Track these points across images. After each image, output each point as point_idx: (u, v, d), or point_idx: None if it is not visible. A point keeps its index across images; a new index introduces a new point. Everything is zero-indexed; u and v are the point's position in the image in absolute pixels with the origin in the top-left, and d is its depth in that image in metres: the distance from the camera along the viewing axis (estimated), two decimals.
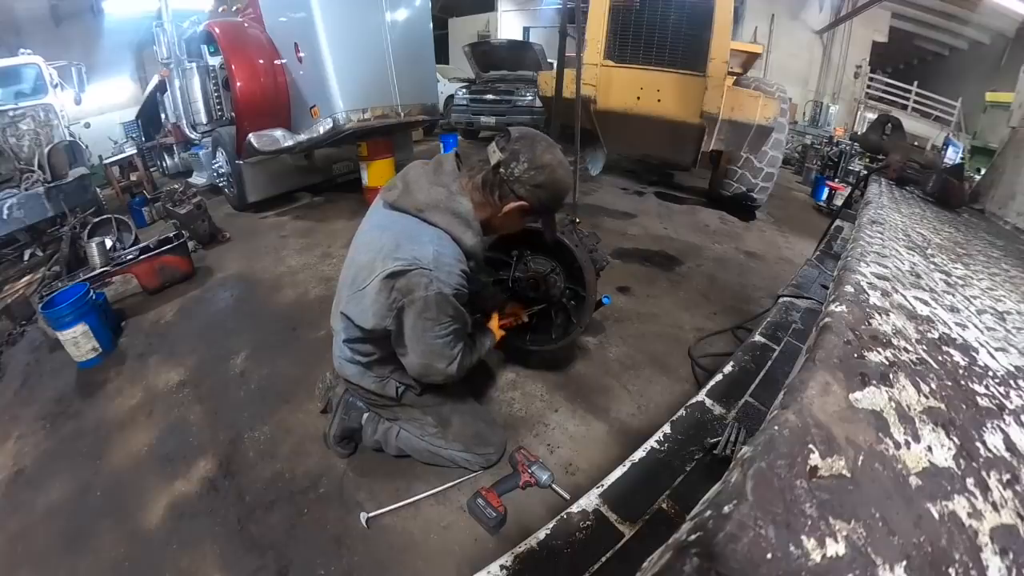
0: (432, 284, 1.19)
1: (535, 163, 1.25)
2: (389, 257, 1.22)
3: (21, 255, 3.97)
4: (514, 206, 1.29)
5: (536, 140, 1.28)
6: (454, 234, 1.26)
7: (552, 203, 1.34)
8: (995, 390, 0.72)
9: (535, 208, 1.32)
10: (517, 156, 1.24)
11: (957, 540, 0.45)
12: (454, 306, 1.26)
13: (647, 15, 3.65)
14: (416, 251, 1.20)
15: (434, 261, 1.19)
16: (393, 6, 3.87)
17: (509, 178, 1.25)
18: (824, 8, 11.28)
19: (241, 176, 4.16)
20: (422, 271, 1.19)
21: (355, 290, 1.31)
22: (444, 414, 1.55)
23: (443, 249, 1.22)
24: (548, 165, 1.26)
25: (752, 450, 0.45)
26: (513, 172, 1.24)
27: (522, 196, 1.27)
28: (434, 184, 1.29)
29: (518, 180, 1.25)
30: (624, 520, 1.06)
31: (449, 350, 1.33)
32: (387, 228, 1.29)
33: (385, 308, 1.26)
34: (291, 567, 1.34)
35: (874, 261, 1.04)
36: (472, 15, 13.04)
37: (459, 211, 1.26)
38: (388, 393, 1.50)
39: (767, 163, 4.12)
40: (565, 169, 1.31)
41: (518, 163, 1.24)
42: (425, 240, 1.22)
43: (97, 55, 8.61)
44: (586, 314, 1.83)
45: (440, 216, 1.25)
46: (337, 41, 3.55)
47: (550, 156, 1.26)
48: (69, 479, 1.72)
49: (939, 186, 2.26)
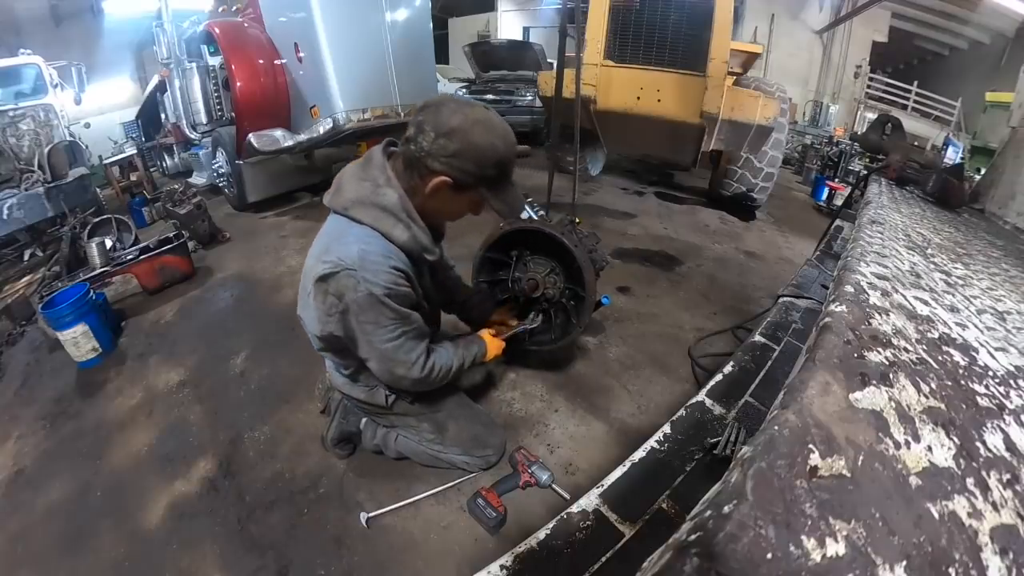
0: (360, 285, 1.12)
1: (442, 129, 1.09)
2: (319, 261, 1.16)
3: (21, 255, 3.97)
4: (436, 184, 1.15)
5: (443, 104, 1.13)
6: (382, 229, 1.17)
7: (481, 171, 1.15)
8: (995, 390, 0.72)
9: (463, 181, 1.15)
10: (422, 126, 1.11)
11: (957, 540, 0.45)
12: (390, 307, 1.17)
13: (647, 15, 3.65)
14: (341, 252, 1.14)
15: (358, 260, 1.12)
16: (393, 6, 3.87)
17: (421, 154, 1.12)
18: (824, 8, 11.27)
19: (241, 176, 4.16)
20: (348, 272, 1.12)
21: (304, 297, 1.27)
22: (439, 420, 1.53)
23: (368, 247, 1.14)
24: (458, 129, 1.09)
25: (752, 450, 0.45)
26: (422, 145, 1.12)
27: (438, 171, 1.13)
28: (361, 179, 1.20)
29: (429, 154, 1.12)
30: (624, 520, 1.06)
31: (404, 355, 1.25)
32: (323, 232, 1.25)
33: (324, 313, 1.21)
34: (291, 567, 1.34)
35: (874, 261, 1.04)
36: (472, 15, 13.04)
37: (384, 204, 1.17)
38: (378, 402, 1.47)
39: (767, 163, 4.12)
40: (486, 128, 1.13)
41: (424, 135, 1.11)
42: (350, 240, 1.15)
43: (97, 55, 8.61)
44: (586, 314, 1.83)
45: (365, 212, 1.17)
46: (337, 41, 3.55)
47: (459, 118, 1.10)
48: (69, 479, 1.72)
49: (939, 186, 2.26)
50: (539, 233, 1.83)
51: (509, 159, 1.19)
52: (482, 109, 1.16)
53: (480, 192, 1.21)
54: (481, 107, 1.16)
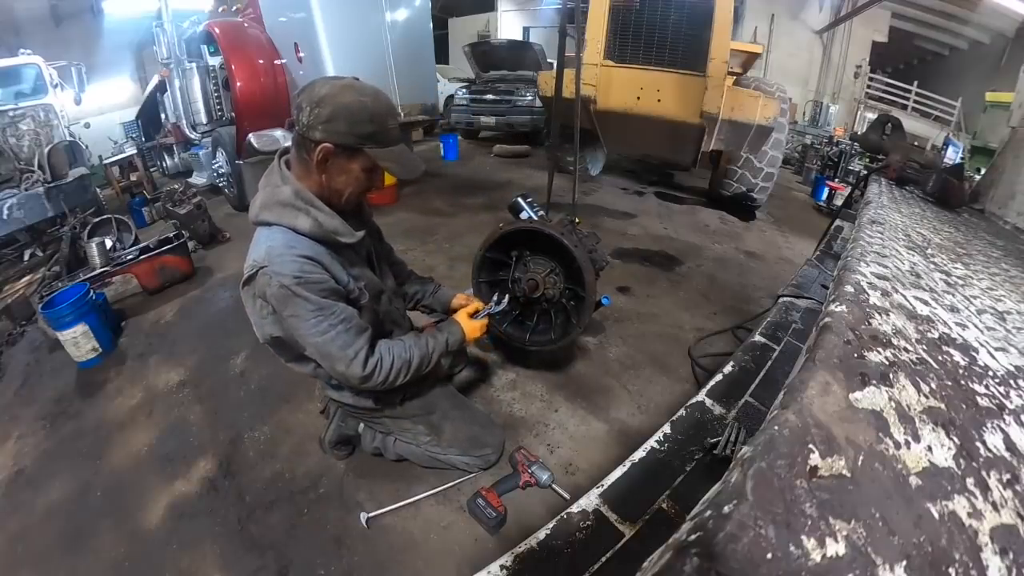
0: (272, 279, 1.15)
1: (314, 99, 1.14)
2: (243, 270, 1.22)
3: (21, 255, 3.98)
4: (320, 152, 1.17)
5: (315, 81, 1.19)
6: (286, 223, 1.20)
7: (356, 130, 1.16)
8: (995, 390, 0.72)
9: (345, 143, 1.17)
10: (300, 105, 1.16)
11: (957, 540, 0.45)
12: (305, 296, 1.16)
13: (647, 15, 3.65)
14: (254, 254, 1.20)
15: (266, 256, 1.16)
16: (393, 6, 3.88)
17: (303, 130, 1.16)
18: (824, 8, 11.27)
19: (241, 176, 4.16)
20: (262, 270, 1.16)
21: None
22: (434, 422, 1.53)
23: (273, 241, 1.18)
24: (328, 95, 1.14)
25: (752, 450, 0.45)
26: (302, 121, 1.16)
27: (319, 139, 1.16)
28: (263, 187, 1.26)
29: (309, 127, 1.15)
30: (624, 520, 1.06)
31: (338, 350, 1.21)
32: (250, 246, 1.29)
33: (259, 317, 1.26)
34: (291, 567, 1.34)
35: (874, 261, 1.04)
36: (472, 15, 13.05)
37: (282, 199, 1.21)
38: (364, 405, 1.46)
39: (767, 163, 4.12)
40: (355, 90, 1.17)
41: (302, 111, 1.15)
42: (260, 241, 1.21)
43: (97, 55, 8.62)
44: (585, 314, 1.83)
45: (269, 213, 1.21)
46: (337, 41, 3.56)
47: (328, 87, 1.15)
48: (69, 479, 1.72)
49: (939, 186, 2.26)
50: (539, 233, 1.83)
51: (384, 115, 1.21)
52: (351, 79, 1.22)
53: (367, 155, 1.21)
54: (351, 78, 1.22)
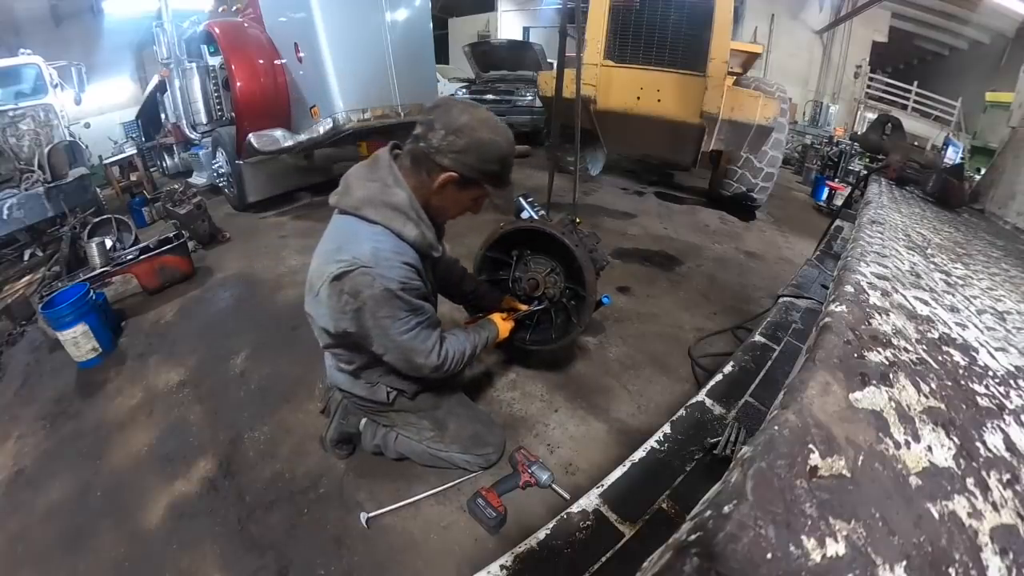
0: (375, 281, 1.16)
1: (451, 126, 1.17)
2: (331, 260, 1.19)
3: (21, 255, 3.98)
4: (443, 179, 1.21)
5: (451, 104, 1.22)
6: (393, 228, 1.21)
7: (484, 167, 1.23)
8: (995, 390, 0.72)
9: (468, 177, 1.23)
10: (432, 125, 1.18)
11: (957, 540, 0.45)
12: (405, 299, 1.22)
13: (647, 15, 3.65)
14: (354, 250, 1.18)
15: (372, 258, 1.16)
16: (393, 6, 3.87)
17: (430, 150, 1.19)
18: (824, 8, 11.27)
19: (241, 176, 4.16)
20: (363, 270, 1.16)
21: (312, 296, 1.29)
22: (439, 417, 1.54)
23: (380, 244, 1.19)
24: (466, 126, 1.17)
25: (752, 450, 0.45)
26: (432, 142, 1.18)
27: (447, 166, 1.20)
28: (369, 180, 1.25)
29: (439, 150, 1.18)
30: (624, 520, 1.06)
31: (421, 343, 1.29)
32: (332, 232, 1.29)
33: (339, 312, 1.23)
34: (291, 567, 1.34)
35: (874, 261, 1.04)
36: (472, 15, 13.04)
37: (394, 202, 1.21)
38: (379, 398, 1.47)
39: (767, 163, 4.12)
40: (491, 128, 1.21)
41: (434, 131, 1.18)
42: (363, 238, 1.19)
43: (97, 55, 8.61)
44: (586, 314, 1.83)
45: (375, 211, 1.21)
46: (337, 41, 3.55)
47: (467, 117, 1.18)
48: (69, 479, 1.72)
49: (939, 186, 2.26)
50: (539, 233, 1.83)
51: (510, 157, 1.29)
52: (485, 111, 1.24)
53: (483, 188, 1.28)
54: (484, 109, 1.25)
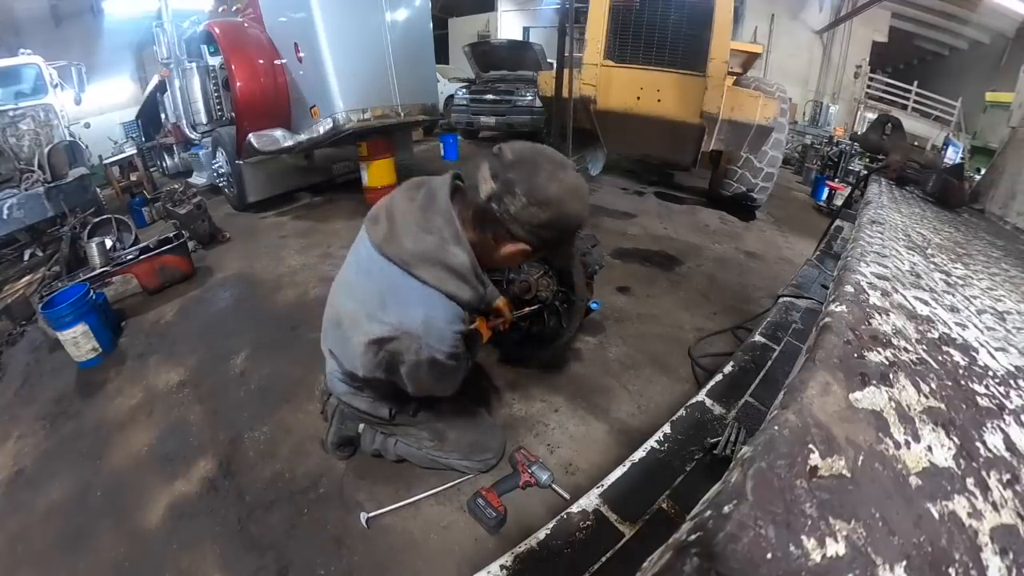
0: (422, 350, 1.06)
1: (536, 197, 0.97)
2: (374, 318, 1.07)
3: (21, 255, 3.97)
4: (515, 250, 1.06)
5: (538, 164, 0.99)
6: (448, 291, 1.05)
7: (562, 238, 1.07)
8: (995, 390, 0.72)
9: (540, 247, 1.07)
10: (512, 188, 0.97)
11: (957, 540, 0.45)
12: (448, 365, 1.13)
13: (647, 15, 3.65)
14: (402, 315, 1.05)
15: (423, 327, 1.04)
16: (393, 6, 3.87)
17: (504, 216, 0.99)
18: (824, 8, 11.27)
19: (241, 176, 4.16)
20: (410, 336, 1.05)
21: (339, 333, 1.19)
22: (439, 429, 1.53)
23: (434, 312, 1.05)
24: (554, 200, 0.98)
25: (752, 450, 0.45)
26: (508, 209, 0.98)
27: (521, 238, 1.02)
28: (423, 229, 1.05)
29: (515, 219, 0.99)
30: (624, 520, 1.06)
31: (449, 384, 1.28)
32: (372, 276, 1.11)
33: (373, 365, 1.15)
34: (291, 567, 1.34)
35: (874, 261, 1.04)
36: (472, 15, 13.04)
37: (454, 265, 1.04)
38: (380, 414, 1.46)
39: (767, 163, 4.12)
40: (579, 196, 1.03)
41: (514, 198, 0.97)
42: (413, 302, 1.04)
43: (97, 55, 8.62)
44: (575, 319, 1.82)
45: (430, 272, 1.04)
46: (337, 41, 3.55)
47: (556, 186, 0.98)
48: (69, 479, 1.72)
49: (939, 186, 2.26)
50: None
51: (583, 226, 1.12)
52: (572, 172, 1.04)
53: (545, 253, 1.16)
54: (571, 167, 1.04)
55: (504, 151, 1.00)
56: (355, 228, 1.44)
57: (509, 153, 1.00)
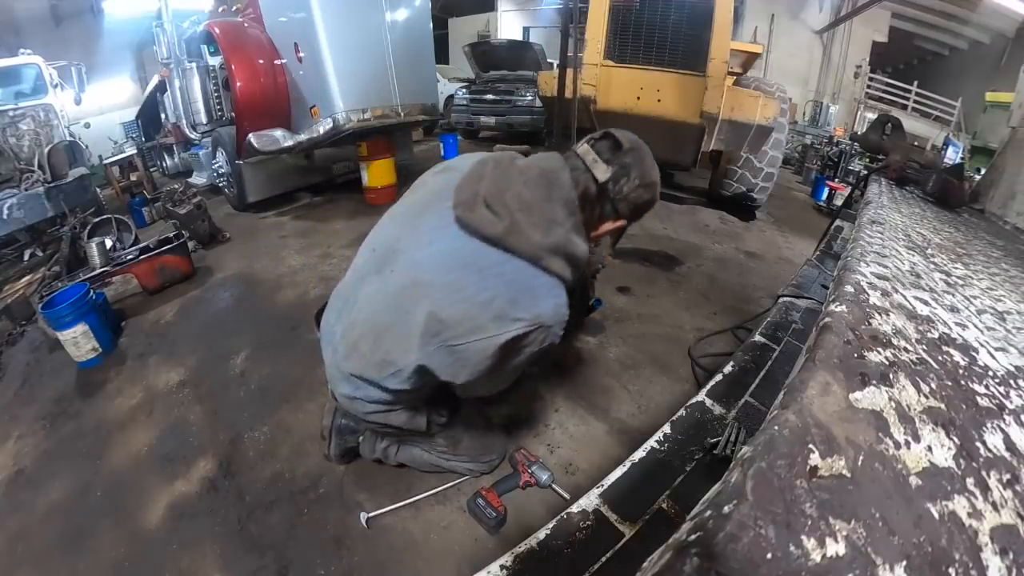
0: (547, 339, 1.07)
1: (646, 179, 1.12)
2: (506, 318, 0.99)
3: (21, 255, 3.98)
4: (614, 226, 1.16)
5: (645, 153, 1.15)
6: (565, 277, 1.08)
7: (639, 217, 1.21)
8: (995, 390, 0.72)
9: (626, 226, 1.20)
10: (628, 172, 1.10)
11: (957, 540, 0.45)
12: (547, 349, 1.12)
13: (647, 15, 3.65)
14: (538, 308, 1.02)
15: (554, 316, 1.04)
16: (393, 6, 3.87)
17: (617, 196, 1.11)
18: (824, 8, 11.28)
19: (241, 176, 4.16)
20: (542, 329, 1.04)
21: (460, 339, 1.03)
22: (456, 435, 1.51)
23: (560, 299, 1.06)
24: (656, 184, 1.15)
25: (752, 450, 0.45)
26: (622, 190, 1.10)
27: (624, 215, 1.15)
28: (552, 221, 1.04)
29: (626, 199, 1.11)
30: (624, 520, 1.06)
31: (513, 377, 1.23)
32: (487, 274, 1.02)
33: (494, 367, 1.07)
34: (291, 567, 1.34)
35: (874, 261, 1.04)
36: (472, 15, 13.04)
37: (576, 254, 1.08)
38: (418, 427, 1.38)
39: (767, 163, 4.12)
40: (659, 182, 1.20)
41: (629, 180, 1.10)
42: (544, 293, 1.04)
43: (97, 55, 8.62)
44: (578, 317, 1.82)
45: (557, 263, 1.05)
46: (337, 41, 3.55)
47: (656, 173, 1.16)
48: (69, 479, 1.72)
49: (939, 186, 2.26)
50: None
51: None
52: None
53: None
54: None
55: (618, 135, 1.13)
56: (355, 228, 1.43)
57: (624, 139, 1.13)
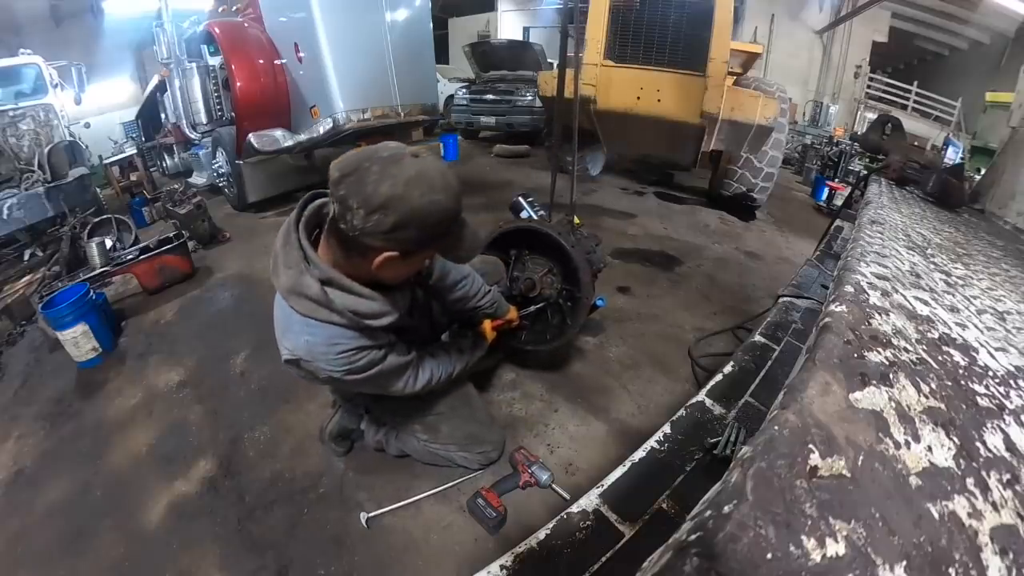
0: (320, 371, 1.13)
1: (371, 204, 0.90)
2: (280, 343, 1.16)
3: (21, 255, 3.98)
4: (382, 260, 0.99)
5: (363, 170, 0.92)
6: (318, 318, 1.08)
7: (430, 234, 0.99)
8: (995, 390, 0.72)
9: (412, 249, 1.01)
10: (348, 204, 0.92)
11: (957, 540, 0.45)
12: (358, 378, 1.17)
13: (647, 15, 3.65)
14: (291, 342, 1.12)
15: (308, 352, 1.10)
16: (393, 6, 3.88)
17: (354, 233, 0.94)
18: (824, 8, 11.27)
19: (241, 176, 4.16)
20: (304, 361, 1.12)
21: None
22: (430, 422, 1.54)
23: (313, 338, 1.10)
24: (391, 199, 0.90)
25: (752, 450, 0.45)
26: (354, 225, 0.93)
27: (382, 248, 0.97)
28: (287, 265, 1.10)
29: (365, 233, 0.93)
30: (624, 520, 1.06)
31: (391, 388, 1.30)
32: (278, 305, 1.20)
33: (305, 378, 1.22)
34: (291, 567, 1.34)
35: (874, 261, 1.04)
36: (472, 15, 13.04)
37: (308, 295, 1.06)
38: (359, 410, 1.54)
39: (767, 163, 4.12)
40: (425, 185, 0.93)
41: (352, 213, 0.92)
42: (296, 329, 1.11)
43: (97, 55, 8.62)
44: (580, 316, 1.83)
45: (298, 302, 1.08)
46: (337, 41, 3.56)
47: (388, 184, 0.90)
48: (69, 479, 1.72)
49: (939, 186, 2.26)
50: (537, 233, 1.83)
51: (457, 208, 1.02)
52: (411, 160, 0.95)
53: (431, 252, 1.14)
54: (407, 156, 0.96)
55: (331, 168, 0.95)
56: None
57: (335, 170, 0.94)
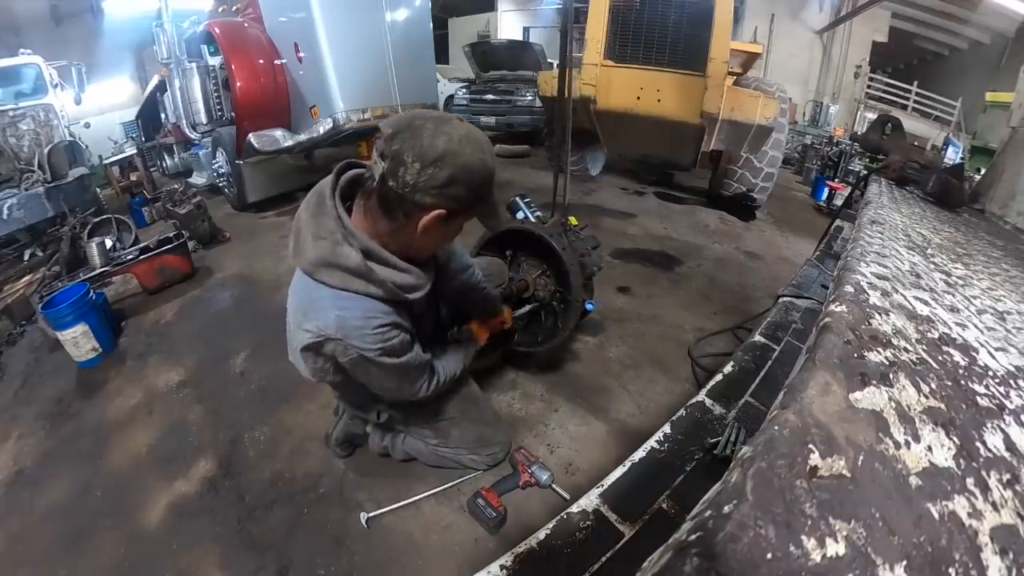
0: (349, 350, 1.07)
1: (427, 157, 0.93)
2: (299, 327, 1.09)
3: (21, 255, 3.98)
4: (430, 220, 1.01)
5: (416, 126, 0.95)
6: (355, 290, 1.05)
7: (477, 194, 1.03)
8: (995, 390, 0.72)
9: (458, 209, 1.03)
10: (401, 158, 0.94)
11: (957, 540, 0.45)
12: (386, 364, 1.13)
13: (647, 15, 3.65)
14: (319, 320, 1.05)
15: (339, 328, 1.05)
16: (393, 6, 3.88)
17: (405, 190, 0.96)
18: (824, 8, 11.27)
19: (241, 176, 4.16)
20: (332, 341, 1.06)
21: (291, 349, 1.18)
22: (442, 428, 1.53)
23: (345, 312, 1.05)
24: (448, 153, 0.94)
25: (752, 450, 0.45)
26: (406, 181, 0.95)
27: (431, 205, 0.99)
28: (317, 236, 1.05)
29: (416, 188, 0.95)
30: (624, 520, 1.06)
31: (408, 389, 1.27)
32: (296, 289, 1.15)
33: (320, 371, 1.17)
34: (291, 567, 1.34)
35: (874, 261, 1.04)
36: (472, 15, 13.05)
37: (349, 265, 1.03)
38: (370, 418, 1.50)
39: (767, 163, 4.12)
40: (475, 144, 0.99)
41: (407, 168, 0.94)
42: (324, 305, 1.06)
43: (97, 55, 8.62)
44: (570, 319, 1.82)
45: (330, 275, 1.04)
46: (337, 41, 3.56)
47: (444, 139, 0.94)
48: (69, 479, 1.72)
49: (939, 186, 2.26)
50: (530, 234, 1.83)
51: (494, 169, 1.07)
52: (459, 121, 1.00)
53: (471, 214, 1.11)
54: (456, 118, 1.02)
55: (383, 127, 0.97)
56: None
57: (387, 127, 0.96)
